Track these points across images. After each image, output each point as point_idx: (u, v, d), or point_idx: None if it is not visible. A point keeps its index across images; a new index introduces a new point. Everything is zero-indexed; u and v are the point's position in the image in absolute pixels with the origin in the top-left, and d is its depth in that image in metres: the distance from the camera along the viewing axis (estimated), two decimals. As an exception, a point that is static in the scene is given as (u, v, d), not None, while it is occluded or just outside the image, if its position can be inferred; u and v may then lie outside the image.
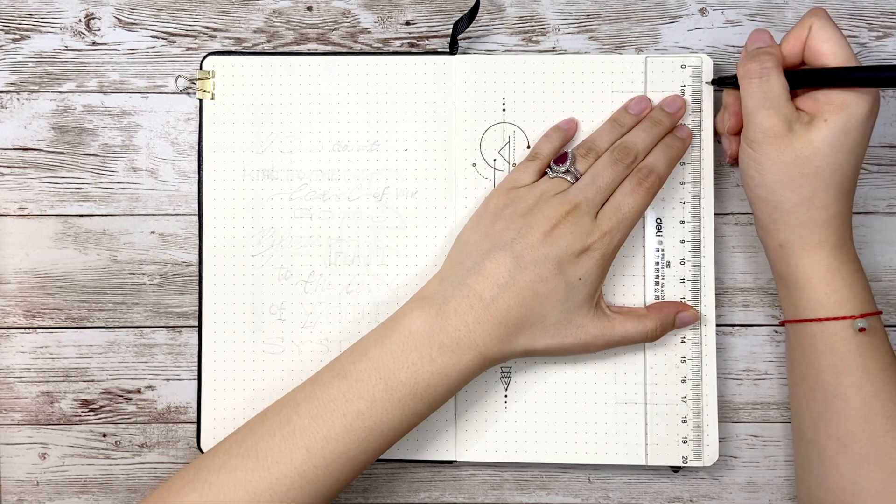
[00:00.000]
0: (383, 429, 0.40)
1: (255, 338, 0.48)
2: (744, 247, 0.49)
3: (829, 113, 0.41)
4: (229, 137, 0.48)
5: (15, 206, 0.49)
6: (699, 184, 0.47)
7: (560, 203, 0.42)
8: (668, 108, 0.46)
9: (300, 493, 0.39)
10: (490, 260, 0.42)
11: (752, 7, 0.49)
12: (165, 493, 0.40)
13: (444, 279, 0.43)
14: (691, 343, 0.47)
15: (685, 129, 0.47)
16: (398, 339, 0.41)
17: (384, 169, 0.48)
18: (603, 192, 0.43)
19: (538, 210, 0.42)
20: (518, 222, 0.42)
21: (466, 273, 0.42)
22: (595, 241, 0.42)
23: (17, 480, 0.49)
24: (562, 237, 0.41)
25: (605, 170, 0.43)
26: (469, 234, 0.44)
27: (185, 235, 0.49)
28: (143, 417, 0.49)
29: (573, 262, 0.42)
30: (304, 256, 0.48)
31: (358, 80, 0.48)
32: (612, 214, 0.43)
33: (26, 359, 0.49)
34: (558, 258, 0.41)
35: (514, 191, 0.44)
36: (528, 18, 0.49)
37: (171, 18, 0.49)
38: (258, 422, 0.41)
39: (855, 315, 0.41)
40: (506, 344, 0.41)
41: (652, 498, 0.49)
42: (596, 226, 0.42)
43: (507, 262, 0.41)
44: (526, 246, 0.41)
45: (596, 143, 0.45)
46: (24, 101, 0.49)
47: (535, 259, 0.41)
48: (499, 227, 0.43)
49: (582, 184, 0.43)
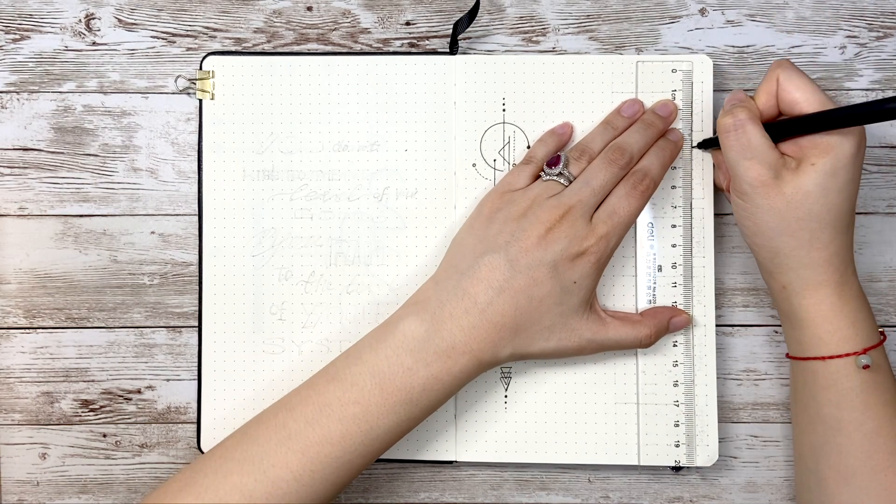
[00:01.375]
0: (379, 433, 0.40)
1: (255, 338, 0.48)
2: (744, 247, 0.49)
3: (816, 156, 0.40)
4: (229, 137, 0.48)
5: (15, 206, 0.49)
6: (690, 187, 0.47)
7: (554, 206, 0.42)
8: (661, 112, 0.47)
9: (296, 497, 0.39)
10: (484, 264, 0.42)
11: (752, 7, 0.49)
12: (162, 495, 0.40)
13: (439, 283, 0.43)
14: (683, 347, 0.47)
15: (677, 133, 0.47)
16: (393, 344, 0.41)
17: (384, 169, 0.48)
18: (597, 194, 0.43)
19: (532, 214, 0.42)
20: (512, 226, 0.42)
21: (461, 277, 0.42)
22: (591, 245, 0.42)
23: (17, 480, 0.49)
24: (557, 241, 0.41)
25: (599, 172, 0.43)
26: (463, 238, 0.44)
27: (185, 235, 0.49)
28: (143, 417, 0.49)
29: (568, 266, 0.42)
30: (304, 257, 0.48)
31: (358, 80, 0.48)
32: (607, 218, 0.43)
33: (26, 359, 0.49)
34: (553, 262, 0.41)
35: (509, 194, 0.44)
36: (528, 19, 0.49)
37: (171, 18, 0.49)
38: (254, 426, 0.41)
39: (858, 351, 0.42)
40: (500, 347, 0.41)
41: (652, 498, 0.49)
42: (591, 230, 0.42)
43: (502, 266, 0.41)
44: (520, 250, 0.41)
45: (589, 146, 0.45)
46: (24, 102, 0.49)
47: (530, 263, 0.41)
48: (493, 230, 0.43)
49: (576, 186, 0.43)
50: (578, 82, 0.48)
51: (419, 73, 0.48)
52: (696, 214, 0.47)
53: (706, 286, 0.47)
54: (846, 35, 0.49)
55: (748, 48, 0.49)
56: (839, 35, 0.49)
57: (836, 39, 0.49)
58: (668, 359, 0.47)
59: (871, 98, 0.49)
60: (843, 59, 0.49)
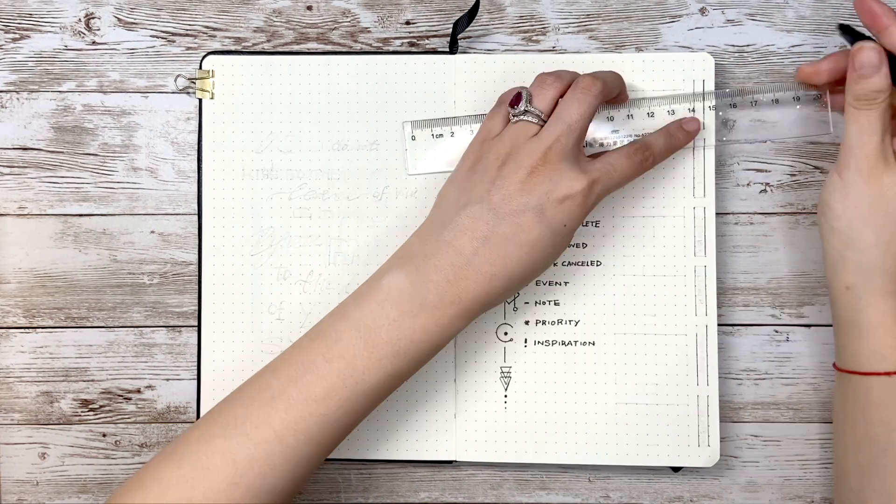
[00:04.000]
0: (365, 388, 0.39)
1: (253, 338, 0.48)
2: (744, 247, 0.49)
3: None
4: (229, 137, 0.48)
5: (15, 205, 0.49)
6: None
7: (533, 149, 0.40)
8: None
9: (280, 459, 0.38)
10: (467, 214, 0.40)
11: (752, 7, 0.49)
12: (145, 470, 0.39)
13: (423, 237, 0.41)
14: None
15: (695, 123, 0.46)
16: (378, 298, 0.40)
17: (384, 168, 0.48)
18: (574, 129, 0.41)
19: (511, 160, 0.41)
20: (492, 174, 0.41)
21: (443, 229, 0.41)
22: (579, 188, 0.40)
23: (17, 480, 0.49)
24: (540, 184, 0.40)
25: (572, 104, 0.41)
26: (447, 191, 0.43)
27: (184, 235, 0.49)
28: (142, 417, 0.49)
29: (556, 209, 0.40)
30: (303, 256, 0.48)
31: (358, 80, 0.48)
32: (600, 164, 0.41)
33: (26, 358, 0.49)
34: (539, 205, 0.40)
35: (487, 143, 0.42)
36: (528, 18, 0.49)
37: (171, 18, 0.49)
38: (238, 390, 0.40)
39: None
40: (493, 297, 0.40)
41: (652, 498, 0.49)
42: (580, 170, 0.40)
43: (485, 215, 0.40)
44: (503, 197, 0.40)
45: (553, 73, 0.43)
46: (24, 101, 0.49)
47: (514, 209, 0.40)
48: (475, 180, 0.41)
49: (552, 124, 0.41)
50: (578, 81, 0.47)
51: (419, 72, 0.48)
52: (696, 214, 0.47)
53: (706, 286, 0.47)
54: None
55: (748, 47, 0.49)
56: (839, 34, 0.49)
57: (837, 39, 0.49)
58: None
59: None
60: (843, 58, 0.49)
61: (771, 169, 0.49)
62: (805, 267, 0.49)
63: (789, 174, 0.49)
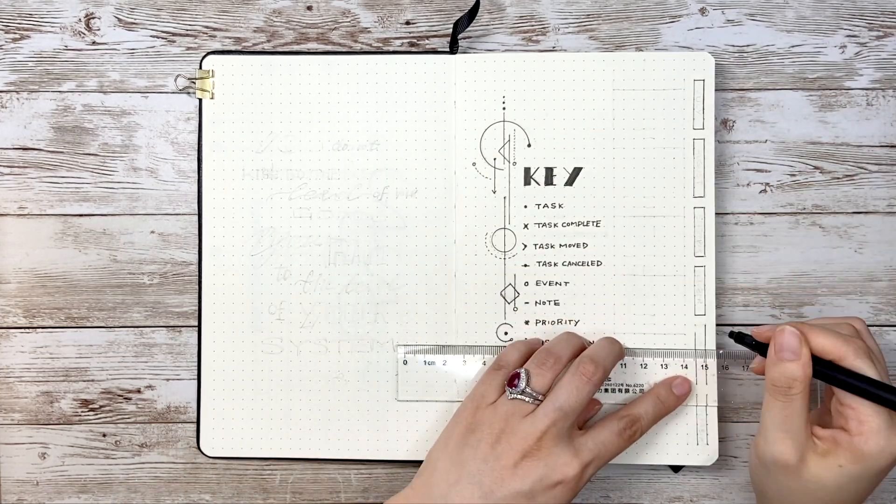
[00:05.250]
0: None
1: (253, 337, 0.48)
2: (744, 247, 0.49)
3: (846, 460, 0.38)
4: (229, 137, 0.48)
5: (15, 205, 0.49)
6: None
7: (528, 433, 0.40)
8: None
9: None
10: (457, 493, 0.40)
11: (752, 7, 0.49)
12: None
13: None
14: (691, 343, 0.47)
15: (685, 385, 0.46)
16: None
17: (384, 168, 0.48)
18: (570, 416, 0.41)
19: (505, 439, 0.41)
20: (485, 451, 0.41)
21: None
22: (571, 474, 0.40)
23: (17, 480, 0.49)
24: (534, 469, 0.40)
25: (570, 390, 0.41)
26: (438, 457, 0.42)
27: (184, 235, 0.49)
28: (142, 417, 0.49)
29: (548, 494, 0.40)
30: (303, 256, 0.48)
31: (358, 80, 0.48)
32: (592, 444, 0.41)
33: (26, 358, 0.49)
34: (531, 492, 0.40)
35: (481, 411, 0.42)
36: (528, 18, 0.49)
37: (171, 18, 0.49)
38: None
39: None
40: None
41: (652, 498, 0.49)
42: (573, 455, 0.40)
43: (476, 498, 0.40)
44: (495, 480, 0.40)
45: (554, 351, 0.43)
46: (24, 101, 0.49)
47: (506, 494, 0.40)
48: (466, 454, 0.41)
49: (548, 408, 0.41)
50: (579, 80, 0.47)
51: (419, 72, 0.48)
52: (696, 214, 0.47)
53: (706, 286, 0.47)
54: (846, 34, 0.49)
55: (748, 47, 0.49)
56: (839, 34, 0.49)
57: (836, 39, 0.49)
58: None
59: (870, 98, 0.48)
60: (843, 58, 0.49)
61: (771, 169, 0.49)
62: (805, 267, 0.49)
63: (789, 174, 0.49)
